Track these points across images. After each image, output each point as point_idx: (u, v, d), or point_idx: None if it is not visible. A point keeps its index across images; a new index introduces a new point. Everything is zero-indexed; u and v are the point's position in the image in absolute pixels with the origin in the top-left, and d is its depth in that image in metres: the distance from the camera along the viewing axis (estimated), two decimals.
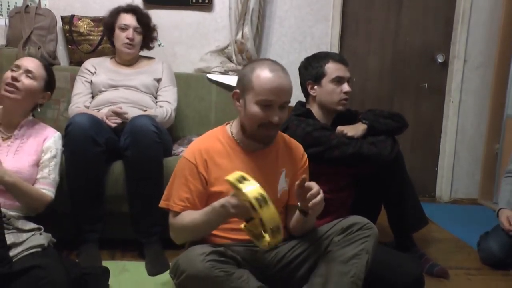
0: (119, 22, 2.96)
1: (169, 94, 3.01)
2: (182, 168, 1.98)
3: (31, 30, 3.22)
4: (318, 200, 1.79)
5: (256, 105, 1.90)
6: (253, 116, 1.91)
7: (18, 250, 1.90)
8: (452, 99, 4.13)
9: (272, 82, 1.87)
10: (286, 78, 1.91)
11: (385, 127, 2.46)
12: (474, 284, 2.50)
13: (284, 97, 1.91)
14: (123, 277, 2.29)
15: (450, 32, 4.12)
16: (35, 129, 2.26)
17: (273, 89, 1.87)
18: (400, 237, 2.64)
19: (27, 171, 2.13)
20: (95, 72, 2.98)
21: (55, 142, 2.27)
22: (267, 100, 1.88)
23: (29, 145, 2.20)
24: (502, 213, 2.79)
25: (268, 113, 1.89)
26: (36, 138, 2.23)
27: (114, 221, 2.61)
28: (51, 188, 2.20)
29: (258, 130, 1.93)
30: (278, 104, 1.90)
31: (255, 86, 1.89)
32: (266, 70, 1.89)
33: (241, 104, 1.96)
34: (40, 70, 2.24)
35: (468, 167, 4.25)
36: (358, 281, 1.82)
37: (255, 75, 1.90)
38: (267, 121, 1.90)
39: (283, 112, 1.94)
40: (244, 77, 1.95)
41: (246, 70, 1.96)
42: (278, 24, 3.86)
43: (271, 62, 1.95)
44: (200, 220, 1.87)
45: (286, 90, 1.91)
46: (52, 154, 2.23)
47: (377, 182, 2.52)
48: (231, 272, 1.76)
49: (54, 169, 2.22)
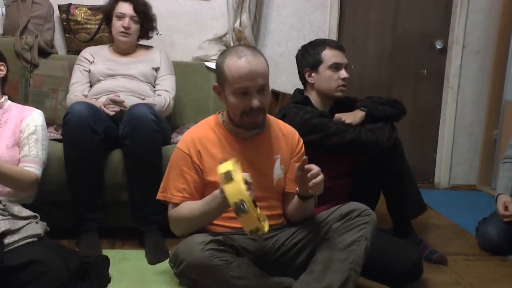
0: (116, 11, 2.95)
1: (167, 83, 3.00)
2: (177, 158, 1.99)
3: (28, 19, 3.20)
4: (318, 180, 1.79)
5: (233, 96, 1.89)
6: (234, 106, 1.90)
7: (14, 239, 1.88)
8: (450, 85, 4.13)
9: (242, 68, 1.85)
10: (257, 61, 1.87)
11: (384, 114, 2.46)
12: (472, 270, 2.51)
13: (259, 80, 1.87)
14: (123, 265, 2.30)
15: (448, 18, 4.10)
16: (12, 112, 2.19)
17: (244, 76, 1.85)
18: (399, 223, 2.65)
19: (6, 153, 2.08)
20: (93, 61, 2.97)
21: (33, 118, 2.18)
22: (241, 87, 1.86)
23: (7, 129, 2.14)
24: (500, 199, 2.81)
25: (247, 100, 1.87)
26: (14, 120, 2.16)
27: (114, 210, 2.62)
28: (34, 165, 2.11)
29: (242, 118, 1.92)
30: (254, 89, 1.87)
31: (228, 76, 1.88)
32: (235, 57, 1.87)
33: (223, 97, 1.96)
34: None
35: (467, 153, 4.26)
36: (357, 267, 1.83)
37: (225, 66, 1.88)
38: (248, 108, 1.88)
39: (264, 95, 1.91)
40: (218, 70, 1.94)
41: (218, 62, 1.95)
42: (276, 12, 3.84)
43: (240, 48, 1.92)
44: (200, 210, 1.87)
45: (259, 73, 1.87)
46: (31, 131, 2.15)
47: (376, 169, 2.52)
48: (231, 260, 1.78)
49: (34, 145, 2.14)
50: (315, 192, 1.84)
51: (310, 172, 1.79)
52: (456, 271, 2.46)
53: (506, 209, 2.74)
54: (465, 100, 4.18)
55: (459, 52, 4.08)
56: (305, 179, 1.81)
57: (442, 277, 2.39)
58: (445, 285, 2.31)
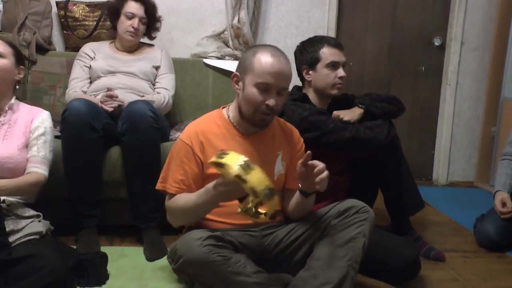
0: (125, 9, 2.94)
1: (167, 81, 3.00)
2: (178, 150, 1.99)
3: (25, 15, 3.19)
4: (324, 176, 1.79)
5: (254, 87, 1.90)
6: (251, 99, 1.91)
7: (17, 237, 1.92)
8: (449, 82, 4.13)
9: (273, 65, 1.88)
10: (286, 65, 1.93)
11: (382, 111, 2.46)
12: (470, 267, 2.51)
13: (283, 82, 1.92)
14: (122, 262, 2.31)
15: (447, 15, 4.11)
16: (21, 111, 2.23)
17: (272, 73, 1.88)
18: (397, 220, 2.66)
19: (18, 155, 2.11)
20: (94, 57, 2.97)
21: (43, 120, 2.23)
22: (265, 83, 1.89)
23: (17, 129, 2.17)
24: (497, 196, 2.81)
25: (266, 96, 1.90)
26: (24, 120, 2.20)
27: (113, 207, 2.62)
28: (42, 166, 2.16)
29: (254, 113, 1.93)
30: (276, 88, 1.90)
31: (256, 68, 1.90)
32: (268, 54, 1.91)
33: (240, 87, 1.97)
34: (6, 47, 2.20)
35: (465, 150, 4.26)
36: (355, 264, 1.84)
37: (256, 58, 1.91)
38: (264, 104, 1.90)
39: (281, 98, 1.94)
40: (245, 60, 1.96)
41: (248, 53, 1.98)
42: (275, 8, 3.84)
43: (273, 48, 1.97)
44: (193, 203, 1.87)
45: (286, 75, 1.92)
46: (40, 132, 2.19)
47: (374, 166, 2.52)
48: (229, 256, 1.78)
49: (43, 146, 2.18)
50: (321, 188, 1.84)
51: (316, 168, 1.79)
52: (454, 268, 2.47)
53: (504, 205, 2.75)
54: (463, 97, 4.19)
55: (457, 49, 4.09)
56: (308, 175, 1.81)
57: (440, 274, 2.40)
58: (443, 282, 2.32)
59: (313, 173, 1.79)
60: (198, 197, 1.86)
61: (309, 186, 1.85)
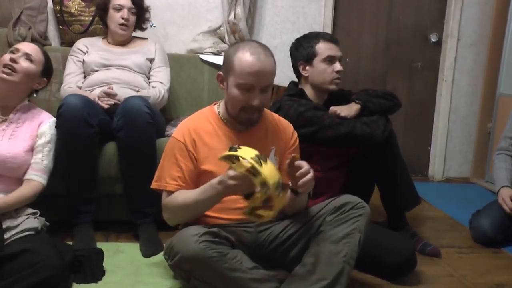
0: (113, 3, 2.94)
1: (162, 75, 2.99)
2: (172, 147, 1.99)
3: (21, 10, 3.18)
4: (307, 179, 1.79)
5: (236, 88, 1.89)
6: (234, 99, 1.91)
7: (12, 233, 1.93)
8: (445, 78, 4.13)
9: (252, 65, 1.86)
10: (267, 62, 1.90)
11: (379, 106, 2.46)
12: (466, 262, 2.52)
13: (265, 80, 1.90)
14: (118, 258, 2.30)
15: (443, 11, 4.11)
16: (30, 113, 2.25)
17: (253, 73, 1.86)
18: (393, 216, 2.66)
19: (22, 157, 2.13)
20: (87, 52, 2.96)
21: (50, 127, 2.27)
22: (247, 84, 1.87)
23: (24, 130, 2.19)
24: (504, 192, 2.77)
25: (249, 96, 1.89)
26: (32, 122, 2.22)
27: (108, 202, 2.61)
28: (43, 174, 2.19)
29: (239, 113, 1.93)
30: (259, 87, 1.89)
31: (236, 69, 1.88)
32: (247, 53, 1.88)
33: (225, 87, 1.96)
34: (39, 55, 2.24)
35: (461, 146, 4.27)
36: (351, 260, 1.84)
37: (236, 58, 1.89)
38: (248, 104, 1.90)
39: (265, 95, 1.93)
40: (226, 59, 1.94)
41: (229, 52, 1.96)
42: (271, 4, 3.83)
43: (254, 44, 1.94)
44: (195, 199, 1.87)
45: (267, 73, 1.90)
46: (47, 140, 2.22)
47: (370, 162, 2.52)
48: (225, 252, 1.77)
49: (47, 155, 2.22)
50: (305, 190, 1.85)
51: (299, 171, 1.79)
52: (449, 264, 2.48)
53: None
54: (459, 93, 4.19)
55: (453, 45, 4.09)
56: (293, 176, 1.81)
57: (435, 269, 2.40)
58: (439, 277, 2.33)
59: (296, 176, 1.79)
60: (200, 193, 1.86)
61: (297, 185, 1.85)
